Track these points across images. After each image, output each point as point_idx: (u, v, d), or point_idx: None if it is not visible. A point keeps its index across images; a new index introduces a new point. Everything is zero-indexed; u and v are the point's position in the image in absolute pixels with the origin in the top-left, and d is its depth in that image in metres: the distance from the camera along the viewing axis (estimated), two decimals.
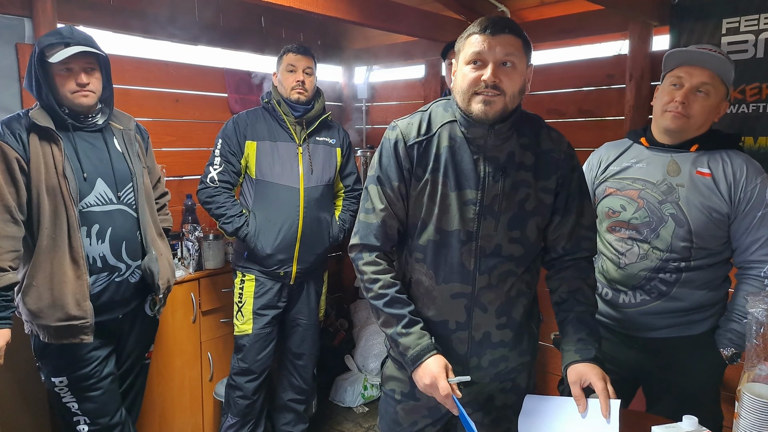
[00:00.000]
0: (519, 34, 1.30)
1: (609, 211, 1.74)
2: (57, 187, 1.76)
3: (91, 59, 1.82)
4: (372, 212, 1.42)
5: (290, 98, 2.40)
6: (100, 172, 1.87)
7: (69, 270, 1.77)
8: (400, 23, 2.66)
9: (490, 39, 1.27)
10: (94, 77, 1.83)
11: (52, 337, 1.79)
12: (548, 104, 2.83)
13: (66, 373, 1.86)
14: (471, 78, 1.29)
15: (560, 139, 1.43)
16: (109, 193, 1.88)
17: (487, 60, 1.28)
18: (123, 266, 1.91)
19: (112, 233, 1.87)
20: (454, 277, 1.40)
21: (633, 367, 1.77)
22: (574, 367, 1.33)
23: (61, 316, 1.76)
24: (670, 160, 1.66)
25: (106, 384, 1.92)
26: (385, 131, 1.44)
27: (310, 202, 2.43)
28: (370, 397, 3.30)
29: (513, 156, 1.37)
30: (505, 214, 1.37)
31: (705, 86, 1.59)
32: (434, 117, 1.41)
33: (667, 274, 1.65)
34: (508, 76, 1.28)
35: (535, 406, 1.35)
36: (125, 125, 2.00)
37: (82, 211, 1.81)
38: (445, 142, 1.38)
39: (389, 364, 1.59)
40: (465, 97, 1.32)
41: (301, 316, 2.59)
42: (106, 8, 2.55)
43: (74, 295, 1.77)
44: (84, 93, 1.79)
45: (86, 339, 1.80)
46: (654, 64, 2.43)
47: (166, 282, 2.02)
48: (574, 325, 1.39)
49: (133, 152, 1.98)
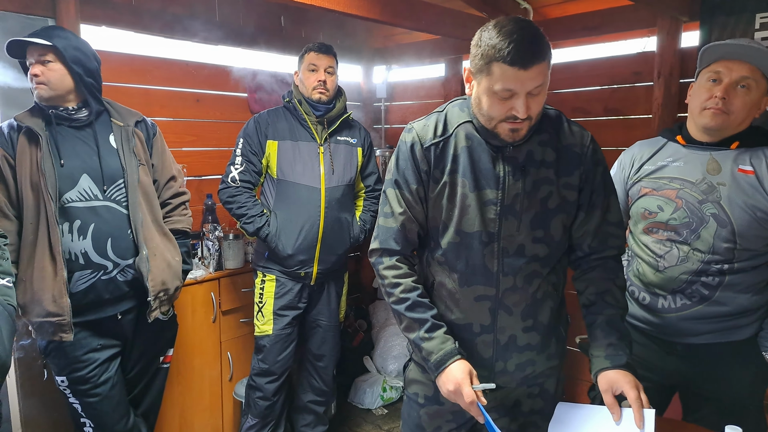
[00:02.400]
0: (547, 54, 1.20)
1: (645, 211, 1.68)
2: (38, 183, 1.78)
3: (43, 51, 1.80)
4: (391, 216, 1.40)
5: (311, 98, 2.38)
6: (86, 167, 1.85)
7: (48, 266, 1.76)
8: (422, 21, 2.63)
9: (523, 74, 1.17)
10: (48, 69, 1.80)
11: (36, 333, 1.80)
12: (573, 103, 2.78)
13: (65, 373, 1.85)
14: (501, 110, 1.23)
15: (582, 133, 1.39)
16: (93, 188, 1.86)
17: (518, 93, 1.20)
18: (109, 264, 1.87)
19: (94, 229, 1.84)
20: (478, 279, 1.37)
21: (671, 374, 1.71)
22: (605, 374, 1.29)
23: (40, 311, 1.75)
24: (710, 158, 1.60)
25: (105, 390, 1.88)
26: (401, 134, 1.42)
27: (331, 202, 2.41)
28: (390, 399, 3.28)
29: (533, 154, 1.33)
30: (527, 214, 1.34)
31: (746, 80, 1.53)
32: (450, 117, 1.38)
33: (710, 278, 1.59)
34: (536, 102, 1.23)
35: (566, 413, 1.31)
36: (126, 122, 1.98)
37: (63, 207, 1.81)
38: (462, 143, 1.34)
39: (412, 368, 1.56)
40: (492, 123, 1.27)
41: (322, 317, 2.57)
42: (127, 8, 2.56)
43: (51, 291, 1.76)
44: (36, 86, 1.81)
45: (65, 337, 1.78)
46: (684, 61, 2.37)
47: (160, 284, 1.93)
48: (604, 329, 1.34)
49: (128, 149, 1.94)
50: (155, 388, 2.14)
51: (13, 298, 1.45)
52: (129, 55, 2.65)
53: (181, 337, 2.48)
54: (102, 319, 1.89)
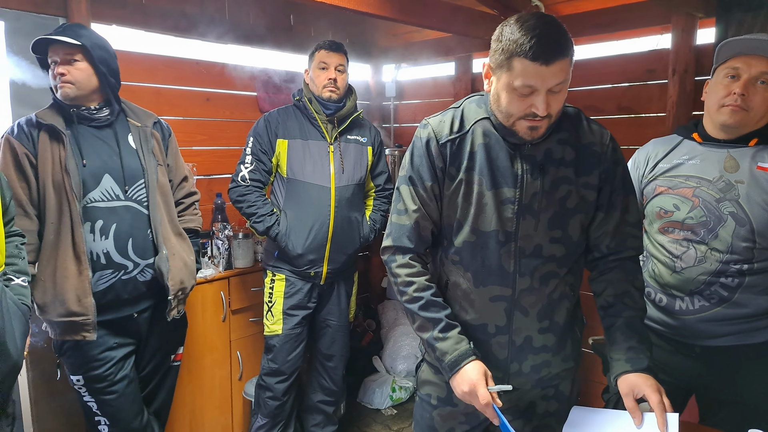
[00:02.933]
0: (569, 50, 1.17)
1: (660, 211, 1.65)
2: (61, 182, 1.77)
3: (70, 50, 1.79)
4: (404, 213, 1.38)
5: (322, 96, 2.37)
6: (108, 167, 1.85)
7: (71, 265, 1.76)
8: (432, 18, 2.61)
9: (544, 70, 1.14)
10: (75, 68, 1.80)
11: (56, 333, 1.79)
12: (585, 101, 2.75)
13: (81, 372, 1.85)
14: (520, 107, 1.21)
15: (602, 132, 1.36)
16: (115, 188, 1.86)
17: (539, 90, 1.18)
18: (130, 264, 1.88)
19: (116, 229, 1.85)
20: (493, 279, 1.35)
21: (687, 377, 1.68)
22: (626, 378, 1.26)
23: (62, 311, 1.75)
24: (727, 155, 1.57)
25: (121, 388, 1.89)
26: (417, 129, 1.39)
27: (341, 201, 2.40)
28: (399, 399, 3.26)
29: (551, 152, 1.31)
30: (545, 213, 1.31)
31: (765, 76, 1.50)
32: (467, 114, 1.35)
33: (729, 278, 1.55)
34: (556, 100, 1.20)
35: (581, 418, 1.28)
36: (143, 122, 1.99)
37: (86, 207, 1.80)
38: (479, 140, 1.32)
39: (424, 368, 1.54)
40: (510, 120, 1.25)
41: (331, 317, 2.56)
42: (138, 8, 2.56)
43: (75, 291, 1.75)
44: (61, 84, 1.79)
45: (88, 336, 1.78)
46: (699, 58, 2.33)
47: (179, 283, 1.96)
48: (623, 331, 1.32)
49: (147, 149, 1.95)
50: (167, 385, 2.15)
51: (28, 298, 1.45)
52: (139, 54, 2.65)
53: (191, 336, 2.49)
54: (119, 318, 1.90)
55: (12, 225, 1.53)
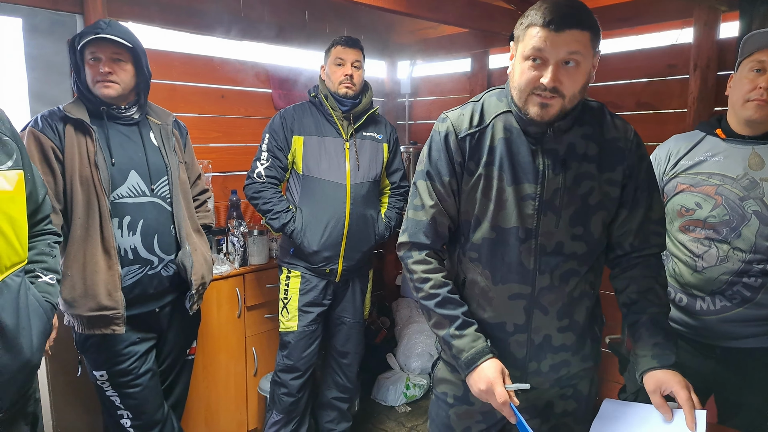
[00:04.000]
0: (588, 25, 1.16)
1: (682, 209, 1.62)
2: (89, 177, 1.77)
3: (118, 50, 1.80)
4: (421, 209, 1.36)
5: (338, 92, 2.36)
6: (134, 164, 1.87)
7: (101, 260, 1.77)
8: (449, 13, 2.59)
9: (554, 36, 1.13)
10: (121, 69, 1.81)
11: (84, 327, 1.80)
12: (604, 96, 2.71)
13: (105, 367, 1.87)
14: (529, 77, 1.19)
15: (626, 127, 1.33)
16: (142, 185, 1.88)
17: (548, 59, 1.16)
18: (155, 259, 1.90)
19: (143, 225, 1.86)
20: (513, 277, 1.33)
21: (707, 378, 1.65)
22: (652, 374, 1.24)
23: (93, 305, 1.76)
24: (752, 152, 1.54)
25: (146, 380, 1.92)
26: (435, 124, 1.37)
27: (356, 198, 2.39)
28: (413, 397, 3.25)
29: (574, 147, 1.29)
30: (567, 210, 1.29)
31: None
32: (487, 107, 1.33)
33: (752, 278, 1.52)
34: (570, 77, 1.18)
35: (613, 411, 1.27)
36: (163, 120, 2.01)
37: (114, 202, 1.81)
38: (500, 134, 1.30)
39: (440, 366, 1.53)
40: (522, 96, 1.23)
41: (346, 314, 2.56)
42: (153, 4, 2.57)
43: (106, 285, 1.77)
44: (105, 83, 1.78)
45: (117, 329, 1.80)
46: (722, 53, 2.29)
47: (200, 278, 1.99)
48: (649, 328, 1.29)
49: (169, 146, 1.97)
50: (183, 379, 2.18)
51: (54, 296, 1.45)
52: (155, 50, 2.65)
53: (206, 332, 2.50)
54: (143, 313, 1.92)
55: (48, 223, 1.52)
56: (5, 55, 2.29)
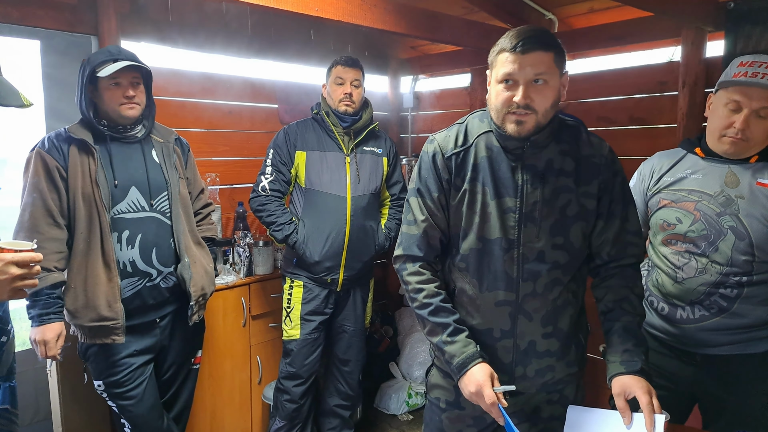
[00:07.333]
0: (550, 46, 1.28)
1: (664, 223, 1.70)
2: (91, 194, 1.86)
3: (136, 74, 1.93)
4: (414, 224, 1.46)
5: (338, 110, 2.46)
6: (134, 180, 1.96)
7: (101, 273, 1.86)
8: (446, 33, 2.68)
9: (521, 58, 1.26)
10: (140, 90, 1.94)
11: (87, 337, 1.89)
12: (598, 112, 2.79)
13: (102, 377, 1.95)
14: (504, 98, 1.31)
15: (601, 144, 1.43)
16: (141, 200, 1.96)
17: (518, 80, 1.28)
18: (154, 272, 1.98)
19: (141, 239, 1.95)
20: (498, 284, 1.41)
21: (690, 384, 1.71)
22: (619, 379, 1.31)
23: (94, 316, 1.85)
24: (728, 171, 1.61)
25: (139, 393, 1.97)
26: (424, 145, 1.48)
27: (356, 210, 2.48)
28: (415, 405, 3.31)
29: (552, 162, 1.38)
30: (546, 221, 1.38)
31: (765, 110, 1.53)
32: (471, 128, 1.44)
33: (728, 289, 1.59)
34: (540, 94, 1.29)
35: (578, 417, 1.33)
36: (165, 138, 2.10)
37: (114, 218, 1.90)
38: (482, 152, 1.40)
39: (434, 373, 1.60)
40: (499, 115, 1.34)
41: (348, 322, 2.63)
42: (165, 25, 2.68)
43: (106, 297, 1.85)
44: (131, 105, 1.91)
45: (118, 339, 1.88)
46: (708, 71, 2.36)
47: (200, 289, 2.05)
48: (621, 335, 1.37)
49: (170, 163, 2.06)
50: (188, 388, 2.23)
51: None
52: (166, 69, 2.75)
53: (212, 341, 2.57)
54: (143, 324, 1.99)
55: None
56: (24, 76, 2.40)
